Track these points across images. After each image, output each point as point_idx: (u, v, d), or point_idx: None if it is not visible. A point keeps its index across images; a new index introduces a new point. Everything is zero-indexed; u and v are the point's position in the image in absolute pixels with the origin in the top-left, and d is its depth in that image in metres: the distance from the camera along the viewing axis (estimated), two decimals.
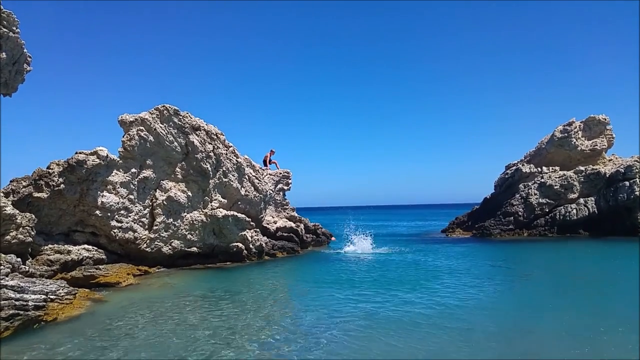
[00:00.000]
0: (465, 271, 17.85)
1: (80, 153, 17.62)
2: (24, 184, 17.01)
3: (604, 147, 36.00)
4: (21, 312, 10.61)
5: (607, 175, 33.38)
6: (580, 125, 36.24)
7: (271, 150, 29.40)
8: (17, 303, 10.71)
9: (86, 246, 17.85)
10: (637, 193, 31.12)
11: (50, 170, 16.99)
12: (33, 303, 11.17)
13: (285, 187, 28.63)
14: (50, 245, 16.54)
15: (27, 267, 13.90)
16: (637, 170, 32.15)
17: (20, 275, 12.62)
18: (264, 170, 27.32)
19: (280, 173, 28.65)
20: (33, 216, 14.79)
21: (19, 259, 13.39)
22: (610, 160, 36.09)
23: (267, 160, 28.95)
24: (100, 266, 17.55)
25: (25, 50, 14.99)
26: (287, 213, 28.24)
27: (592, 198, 33.51)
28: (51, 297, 12.10)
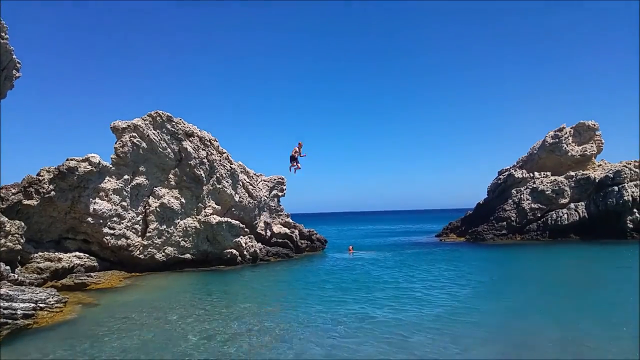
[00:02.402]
0: (444, 280, 17.17)
1: (71, 160, 17.44)
2: (13, 191, 16.77)
3: (593, 152, 36.43)
4: (9, 321, 10.37)
5: (597, 181, 33.75)
6: (570, 131, 36.66)
7: (299, 143, 27.94)
8: (5, 312, 10.47)
9: (77, 253, 17.61)
10: (626, 198, 31.48)
11: (40, 177, 16.78)
12: (22, 312, 10.95)
13: (280, 194, 28.52)
14: (40, 253, 16.29)
15: (17, 275, 13.66)
16: (625, 176, 32.56)
17: (9, 284, 12.39)
18: (261, 175, 27.27)
19: (275, 179, 28.55)
20: (22, 224, 14.56)
21: (7, 267, 13.15)
22: (599, 166, 36.51)
23: (297, 154, 27.89)
24: (92, 273, 17.33)
25: (14, 57, 14.84)
26: (282, 219, 28.11)
27: (583, 203, 33.80)
28: (40, 305, 11.87)
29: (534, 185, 35.15)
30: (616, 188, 32.23)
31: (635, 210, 31.68)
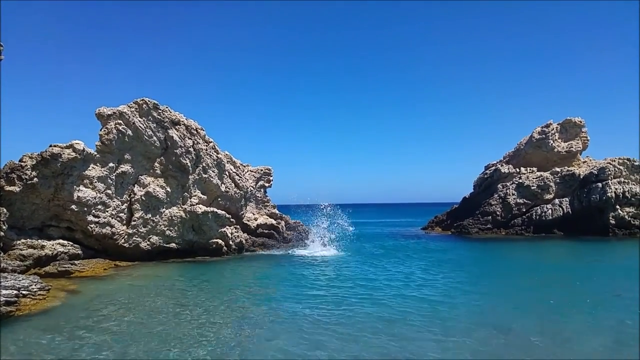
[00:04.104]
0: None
1: (54, 146, 17.26)
2: None
3: (579, 149, 36.99)
4: None
5: (581, 177, 34.32)
6: (557, 127, 37.14)
7: None
8: None
9: (61, 241, 17.53)
10: (609, 194, 32.06)
11: (22, 164, 16.60)
12: (4, 299, 10.93)
13: (267, 184, 28.56)
14: (23, 240, 16.20)
15: None
16: (609, 173, 33.12)
17: None
18: (245, 166, 27.24)
19: (261, 170, 28.56)
20: (4, 210, 14.46)
21: None
22: (584, 162, 37.10)
23: None
24: (76, 261, 17.28)
25: None
26: (268, 210, 28.20)
27: (567, 199, 34.41)
28: (23, 292, 11.86)
29: (520, 181, 35.66)
30: (600, 185, 32.81)
31: (617, 206, 32.36)
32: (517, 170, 36.81)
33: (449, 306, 11.70)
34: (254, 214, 26.81)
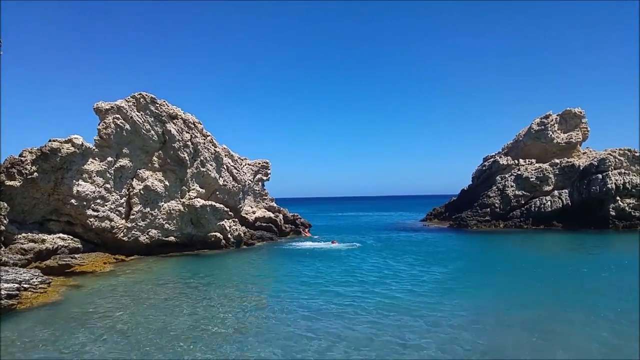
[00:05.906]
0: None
1: (54, 141, 17.45)
2: None
3: (579, 140, 36.79)
4: None
5: (581, 168, 34.10)
6: (556, 118, 36.93)
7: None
8: None
9: (61, 235, 17.76)
10: (610, 186, 31.84)
11: (22, 158, 16.80)
12: (5, 292, 11.16)
13: (264, 178, 28.72)
14: (24, 234, 16.43)
15: (0, 256, 13.84)
16: (610, 164, 32.93)
17: None
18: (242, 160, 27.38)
19: (259, 163, 28.70)
20: (5, 204, 14.65)
21: None
22: (584, 153, 36.89)
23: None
24: (76, 255, 17.51)
25: None
26: (266, 203, 28.39)
27: (566, 190, 34.19)
28: (25, 286, 12.09)
29: (519, 172, 35.59)
30: (600, 176, 32.57)
31: (618, 198, 32.16)
32: (516, 161, 36.72)
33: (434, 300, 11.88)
34: (252, 207, 27.01)
